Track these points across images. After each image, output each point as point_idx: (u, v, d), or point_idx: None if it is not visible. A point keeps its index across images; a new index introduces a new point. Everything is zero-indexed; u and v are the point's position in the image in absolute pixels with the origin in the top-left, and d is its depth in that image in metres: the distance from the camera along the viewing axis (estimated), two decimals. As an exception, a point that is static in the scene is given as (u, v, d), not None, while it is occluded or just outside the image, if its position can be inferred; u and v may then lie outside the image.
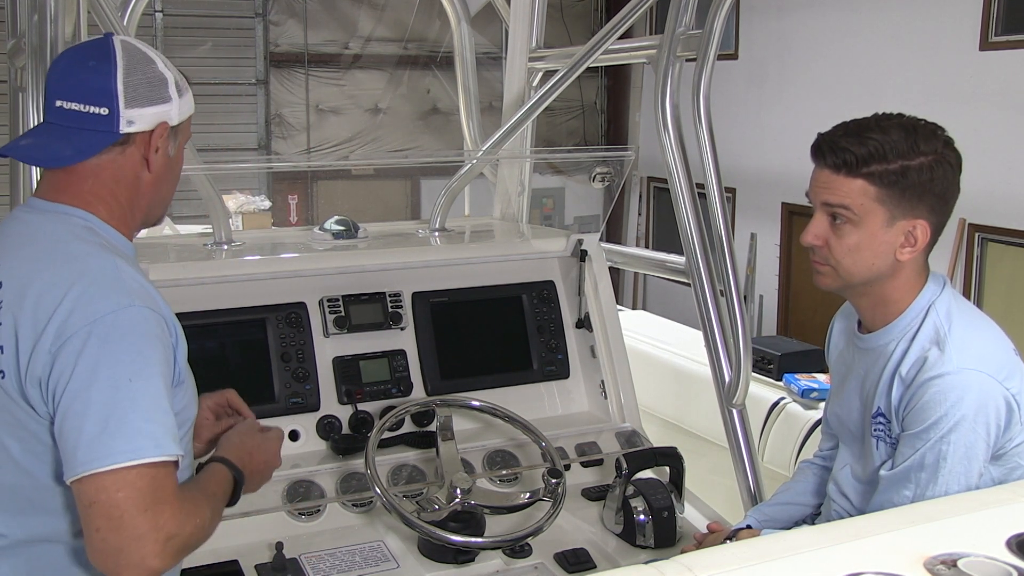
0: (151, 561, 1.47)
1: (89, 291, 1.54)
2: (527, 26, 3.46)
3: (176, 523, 1.50)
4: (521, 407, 2.66)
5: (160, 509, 1.48)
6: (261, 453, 1.87)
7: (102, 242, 1.65)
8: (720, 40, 2.55)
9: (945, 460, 1.77)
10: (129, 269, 1.62)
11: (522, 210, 3.50)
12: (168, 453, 1.51)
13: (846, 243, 1.84)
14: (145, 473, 1.48)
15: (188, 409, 1.74)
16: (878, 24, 8.11)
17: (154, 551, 1.47)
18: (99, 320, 1.52)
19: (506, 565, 2.35)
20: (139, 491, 1.47)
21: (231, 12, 10.06)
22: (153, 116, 1.67)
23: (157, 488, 1.49)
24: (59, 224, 1.65)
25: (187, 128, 1.79)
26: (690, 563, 1.36)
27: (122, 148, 1.67)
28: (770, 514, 2.23)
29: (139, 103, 1.65)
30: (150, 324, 1.56)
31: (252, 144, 10.28)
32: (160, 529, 1.47)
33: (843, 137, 1.82)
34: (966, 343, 1.81)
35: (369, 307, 2.72)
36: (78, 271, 1.56)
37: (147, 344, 1.55)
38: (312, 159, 10.76)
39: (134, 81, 1.65)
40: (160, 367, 1.55)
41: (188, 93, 1.75)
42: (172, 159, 1.75)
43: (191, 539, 1.54)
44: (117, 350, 1.51)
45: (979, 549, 1.38)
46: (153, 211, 1.78)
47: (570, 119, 11.47)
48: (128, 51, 1.67)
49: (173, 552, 1.50)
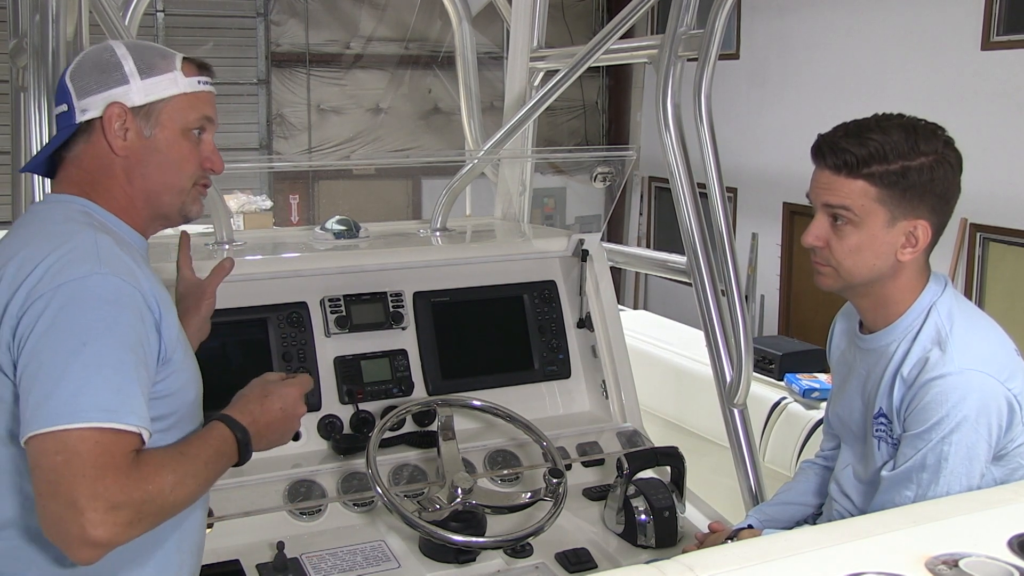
0: (92, 531, 1.38)
1: (62, 260, 1.53)
2: (528, 26, 3.46)
3: (121, 491, 1.41)
4: (522, 407, 2.66)
5: (100, 475, 1.40)
6: (276, 399, 1.76)
7: (95, 223, 1.65)
8: (721, 40, 2.55)
9: (947, 461, 1.76)
10: (111, 245, 1.59)
11: (523, 210, 3.50)
12: (120, 422, 1.44)
13: (847, 244, 1.84)
14: (88, 437, 1.41)
15: (182, 393, 1.68)
16: (880, 24, 8.11)
17: (93, 520, 1.38)
18: (64, 284, 1.50)
19: (507, 565, 2.35)
20: (79, 456, 1.40)
21: (232, 12, 10.08)
22: (103, 100, 1.68)
23: (101, 454, 1.41)
24: (56, 209, 1.69)
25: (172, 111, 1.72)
26: (691, 563, 1.36)
27: (87, 137, 1.71)
28: (771, 514, 2.23)
29: (88, 93, 1.69)
30: (120, 293, 1.53)
31: (253, 144, 10.30)
32: (98, 497, 1.39)
33: (843, 138, 1.81)
34: (968, 343, 1.80)
35: (370, 307, 2.72)
36: (57, 243, 1.56)
37: (111, 312, 1.51)
38: (313, 159, 10.76)
39: (81, 72, 1.71)
40: (126, 337, 1.51)
41: (160, 75, 1.71)
42: (152, 140, 1.71)
43: (147, 507, 1.45)
44: (76, 314, 1.49)
45: (980, 549, 1.38)
46: (155, 200, 1.74)
47: (571, 119, 11.47)
48: (93, 51, 1.73)
49: (124, 522, 1.41)
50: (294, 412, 1.79)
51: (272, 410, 1.75)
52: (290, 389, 1.79)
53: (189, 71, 1.75)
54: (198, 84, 1.75)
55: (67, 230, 1.61)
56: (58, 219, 1.65)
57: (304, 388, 1.83)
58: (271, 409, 1.75)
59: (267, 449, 1.78)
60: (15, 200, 2.53)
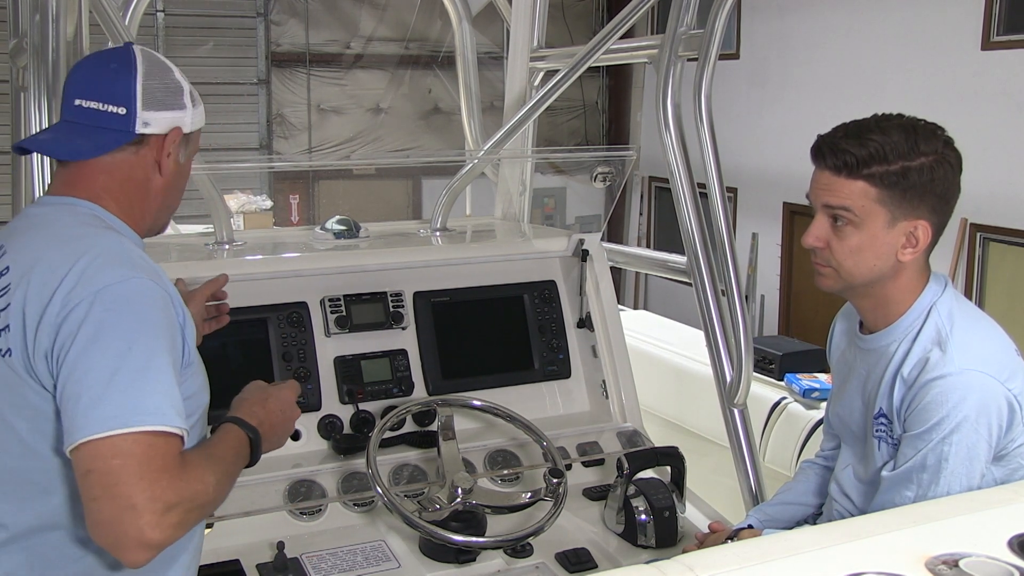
0: (149, 533, 1.41)
1: (95, 263, 1.55)
2: (528, 26, 3.46)
3: (175, 493, 1.44)
4: (522, 407, 2.66)
5: (157, 477, 1.43)
6: (275, 402, 1.81)
7: (108, 227, 1.67)
8: (721, 40, 2.55)
9: (947, 461, 1.76)
10: (136, 249, 1.64)
11: (523, 210, 3.50)
12: (169, 424, 1.48)
13: (847, 245, 1.83)
14: (142, 440, 1.44)
15: (199, 396, 1.72)
16: (880, 24, 8.11)
17: (151, 522, 1.41)
18: (104, 289, 1.52)
19: (507, 565, 2.35)
20: (135, 458, 1.43)
21: (232, 12, 10.06)
22: (168, 120, 1.71)
23: (154, 456, 1.44)
24: (65, 213, 1.68)
25: (196, 140, 1.82)
26: (691, 563, 1.36)
27: (136, 148, 1.70)
28: (772, 514, 2.23)
29: (155, 107, 1.69)
30: (155, 297, 1.56)
31: (253, 144, 10.28)
32: (157, 499, 1.42)
33: (843, 139, 1.81)
34: (968, 344, 1.80)
35: (370, 307, 2.72)
36: (84, 247, 1.58)
37: (151, 315, 1.54)
38: (313, 159, 10.76)
39: (152, 85, 1.70)
40: (165, 341, 1.54)
41: (200, 106, 1.79)
42: (182, 167, 1.78)
43: (194, 507, 1.49)
44: (119, 318, 1.51)
45: (980, 549, 1.38)
46: (160, 218, 1.81)
47: (571, 119, 11.47)
48: (148, 59, 1.73)
49: (175, 524, 1.44)
50: (291, 414, 1.85)
51: (274, 412, 1.80)
52: (286, 392, 1.86)
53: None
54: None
55: (86, 234, 1.62)
56: (71, 223, 1.65)
57: (296, 392, 1.89)
58: (273, 411, 1.80)
59: (268, 451, 1.80)
60: (15, 200, 2.53)
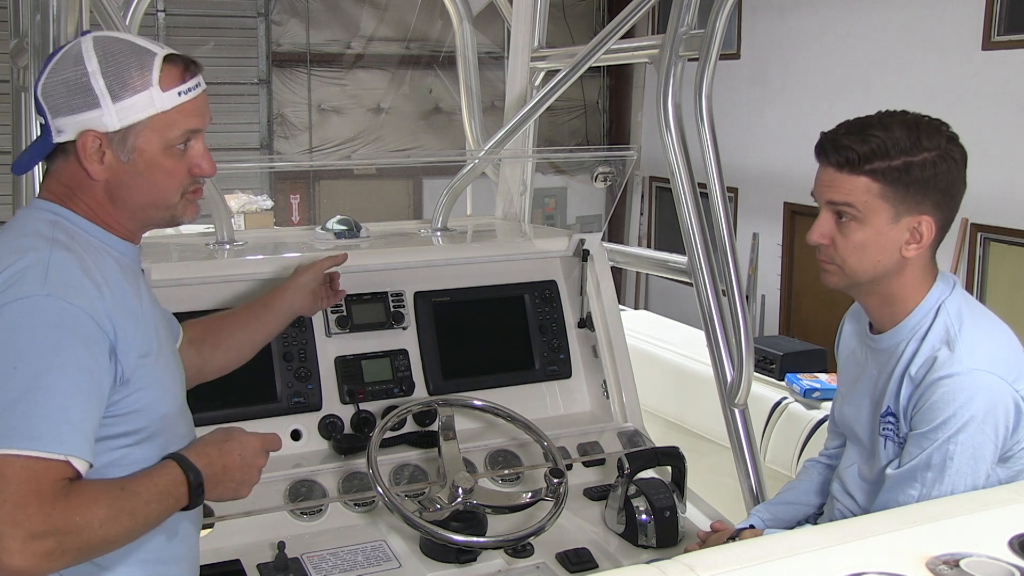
0: (9, 560, 1.35)
1: (10, 279, 1.49)
2: (529, 26, 3.46)
3: (43, 521, 1.37)
4: (523, 407, 2.66)
5: (24, 503, 1.37)
6: (236, 446, 1.69)
7: (61, 236, 1.58)
8: (722, 40, 2.55)
9: (952, 460, 1.76)
10: (67, 264, 1.53)
11: (524, 210, 3.50)
12: (44, 451, 1.40)
13: (852, 241, 1.83)
14: (13, 463, 1.38)
15: (152, 408, 1.63)
16: (880, 24, 8.11)
17: (11, 548, 1.35)
18: (5, 306, 1.46)
19: (508, 565, 2.35)
20: (2, 479, 1.37)
21: (233, 12, 10.07)
22: (77, 125, 1.58)
23: (26, 480, 1.38)
24: (27, 219, 1.63)
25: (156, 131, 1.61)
26: (692, 563, 1.36)
27: (64, 156, 1.63)
28: (774, 513, 2.23)
29: (62, 112, 1.58)
30: (63, 317, 1.47)
31: (254, 144, 10.29)
32: (18, 525, 1.36)
33: (846, 135, 1.82)
34: (976, 344, 1.80)
35: (371, 307, 2.72)
36: (10, 262, 1.51)
37: (51, 336, 1.46)
38: (314, 159, 10.77)
39: (53, 88, 1.59)
40: (65, 363, 1.45)
41: (144, 92, 1.58)
42: (131, 164, 1.61)
43: (71, 539, 1.40)
44: (9, 337, 1.45)
45: (981, 549, 1.38)
46: (145, 214, 1.68)
47: (572, 119, 11.47)
48: (62, 60, 1.61)
49: (43, 553, 1.37)
50: (253, 462, 1.72)
51: (231, 455, 1.68)
52: (252, 439, 1.73)
53: (169, 79, 1.61)
54: (179, 96, 1.62)
55: (25, 246, 1.55)
56: (23, 232, 1.59)
57: (268, 443, 1.77)
58: (229, 454, 1.68)
59: (220, 500, 1.72)
60: (15, 200, 2.53)
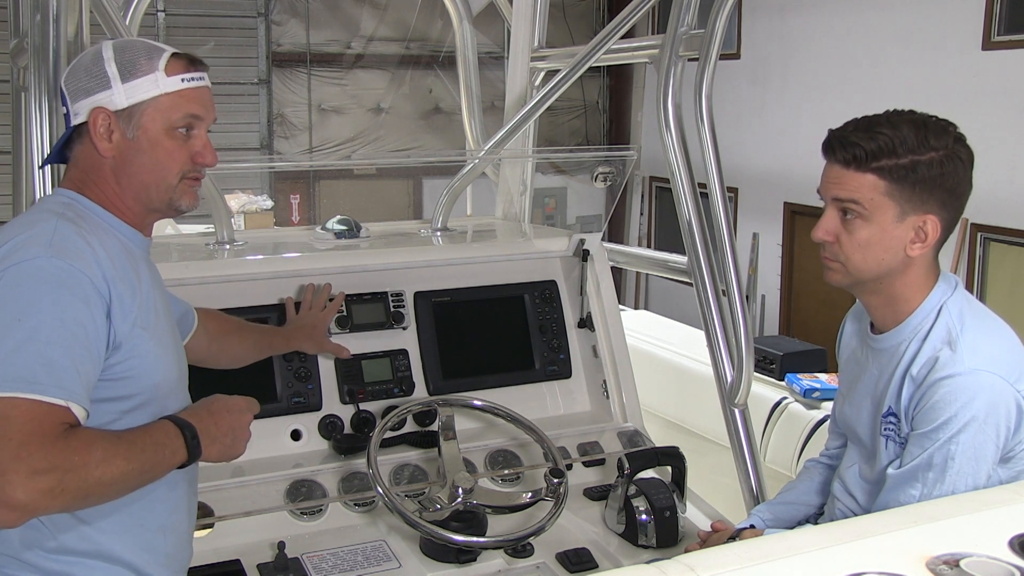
0: (12, 493, 1.44)
1: (18, 244, 1.62)
2: (529, 26, 3.46)
3: (44, 458, 1.46)
4: (523, 407, 2.66)
5: (27, 440, 1.46)
6: (221, 404, 1.80)
7: (69, 214, 1.71)
8: (722, 40, 2.55)
9: (953, 460, 1.76)
10: (70, 232, 1.66)
11: (524, 210, 3.50)
12: (44, 395, 1.51)
13: (856, 238, 1.83)
14: (19, 405, 1.48)
15: (145, 376, 1.72)
16: (880, 23, 8.11)
17: (14, 482, 1.44)
18: (11, 267, 1.59)
19: (508, 565, 2.35)
20: (6, 420, 1.47)
21: (233, 12, 10.08)
22: (88, 105, 1.75)
23: (29, 421, 1.48)
24: (45, 200, 1.82)
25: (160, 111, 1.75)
26: (692, 563, 1.36)
27: (81, 139, 1.79)
28: (774, 513, 2.23)
29: (79, 96, 1.76)
30: (63, 275, 1.59)
31: (254, 144, 10.30)
32: (21, 461, 1.45)
33: (853, 132, 1.82)
34: (978, 344, 1.80)
35: (371, 307, 2.72)
36: (21, 230, 1.65)
37: (51, 292, 1.58)
38: (314, 159, 10.77)
39: (73, 75, 1.78)
40: (64, 316, 1.57)
41: (151, 75, 1.74)
42: (135, 142, 1.75)
43: (70, 477, 1.49)
44: (14, 293, 1.56)
45: (981, 549, 1.38)
46: (146, 193, 1.79)
47: (572, 119, 11.47)
48: (87, 53, 1.80)
49: (44, 489, 1.46)
50: (241, 418, 1.81)
51: (219, 414, 1.78)
52: (235, 399, 1.84)
53: (174, 69, 1.77)
54: (182, 82, 1.77)
55: (34, 220, 1.69)
56: (38, 210, 1.76)
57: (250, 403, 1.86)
58: (218, 412, 1.78)
59: (219, 459, 1.79)
60: (15, 200, 2.53)
